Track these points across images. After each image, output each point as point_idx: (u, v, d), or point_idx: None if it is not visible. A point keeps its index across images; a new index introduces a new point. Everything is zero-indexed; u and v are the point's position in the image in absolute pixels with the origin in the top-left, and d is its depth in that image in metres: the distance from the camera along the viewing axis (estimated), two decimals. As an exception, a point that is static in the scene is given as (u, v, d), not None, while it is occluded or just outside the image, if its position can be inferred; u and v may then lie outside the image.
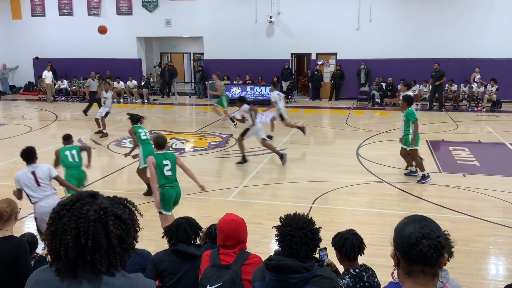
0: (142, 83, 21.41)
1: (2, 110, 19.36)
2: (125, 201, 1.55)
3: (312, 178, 9.04)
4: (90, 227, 1.40)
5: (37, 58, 23.63)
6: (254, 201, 7.89)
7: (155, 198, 5.92)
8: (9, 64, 23.71)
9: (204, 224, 3.99)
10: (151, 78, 22.95)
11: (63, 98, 21.60)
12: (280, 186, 8.64)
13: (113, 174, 9.55)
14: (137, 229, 1.54)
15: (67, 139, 7.29)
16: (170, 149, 11.62)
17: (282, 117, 12.46)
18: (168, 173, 5.90)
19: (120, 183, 9.08)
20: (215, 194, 8.22)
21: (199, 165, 10.11)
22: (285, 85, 20.73)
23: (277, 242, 2.49)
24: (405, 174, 9.19)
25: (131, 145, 9.22)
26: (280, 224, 2.52)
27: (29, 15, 23.58)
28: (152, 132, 13.72)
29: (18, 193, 5.65)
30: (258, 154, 10.97)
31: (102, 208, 1.45)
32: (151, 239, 5.56)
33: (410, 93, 10.46)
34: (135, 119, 8.47)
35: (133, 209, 1.57)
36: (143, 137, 8.14)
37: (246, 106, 10.28)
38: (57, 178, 5.87)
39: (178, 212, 7.16)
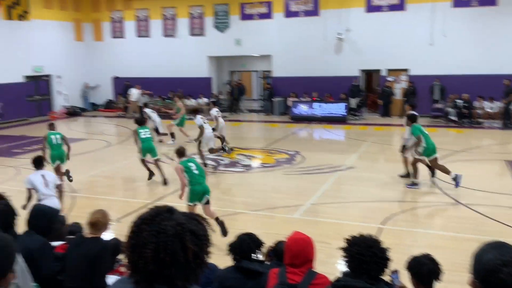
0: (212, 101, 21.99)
1: (83, 126, 20.71)
2: (199, 217, 1.60)
3: (381, 197, 8.76)
4: (168, 242, 1.44)
5: (116, 77, 25.12)
6: (321, 219, 7.77)
7: (182, 193, 7.14)
8: (91, 83, 25.39)
9: (269, 241, 3.98)
10: (221, 96, 23.53)
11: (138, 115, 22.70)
12: (348, 205, 8.45)
13: (183, 188, 9.81)
14: (210, 244, 1.58)
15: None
16: (237, 165, 11.79)
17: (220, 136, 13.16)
18: (196, 172, 6.97)
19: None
20: (281, 211, 8.19)
21: (266, 181, 10.17)
22: (353, 102, 20.41)
23: (345, 262, 2.42)
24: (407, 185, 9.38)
25: (201, 161, 9.95)
26: (346, 244, 2.46)
27: (109, 37, 25.21)
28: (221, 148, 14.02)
29: (29, 192, 6.72)
30: (326, 172, 10.83)
31: (179, 223, 1.48)
32: (216, 253, 5.63)
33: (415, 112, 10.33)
34: (139, 121, 10.78)
35: (206, 225, 1.60)
36: (143, 136, 10.25)
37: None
38: (59, 186, 7.14)
39: (244, 227, 7.21)
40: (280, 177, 10.56)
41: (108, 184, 10.54)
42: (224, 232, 6.80)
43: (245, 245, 3.43)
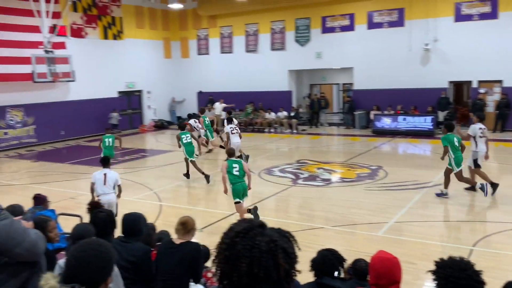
0: (292, 114, 22.08)
1: (170, 138, 21.70)
2: (289, 234, 1.61)
3: (473, 217, 8.18)
4: (262, 258, 1.45)
5: (200, 92, 26.15)
6: (406, 238, 7.41)
7: (225, 188, 8.13)
8: (177, 97, 26.67)
9: (350, 258, 3.86)
10: (300, 109, 23.54)
11: (221, 128, 23.35)
12: (436, 224, 7.99)
13: (262, 201, 9.89)
14: (297, 262, 1.58)
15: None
16: (317, 179, 11.66)
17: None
18: (236, 173, 8.02)
19: (269, 211, 9.35)
20: (363, 228, 7.94)
21: (346, 196, 9.94)
22: (441, 115, 19.40)
23: (436, 286, 2.27)
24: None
25: (280, 174, 9.84)
26: (436, 267, 2.31)
27: (195, 54, 26.36)
28: (300, 161, 13.98)
29: (92, 185, 7.94)
30: (411, 188, 10.35)
31: (272, 240, 1.50)
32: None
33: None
34: (182, 127, 12.78)
35: (294, 242, 1.62)
36: (185, 141, 11.90)
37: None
38: (119, 186, 8.10)
39: (324, 243, 7.09)
40: (361, 192, 10.26)
41: (191, 194, 10.91)
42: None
43: (327, 261, 3.37)
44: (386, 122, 19.69)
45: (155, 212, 9.15)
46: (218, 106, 22.62)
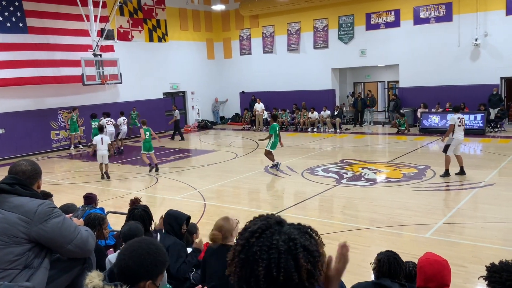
0: (335, 113, 21.82)
1: (213, 138, 21.99)
2: (310, 230, 1.47)
3: (528, 219, 7.78)
4: (281, 259, 1.34)
5: (243, 92, 26.32)
6: (455, 240, 7.13)
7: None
8: (220, 98, 26.97)
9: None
10: (344, 108, 23.23)
11: (263, 128, 23.41)
12: (487, 226, 7.65)
13: (306, 201, 9.83)
14: (323, 260, 1.44)
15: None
16: (362, 179, 11.46)
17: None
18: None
19: (312, 210, 9.28)
20: (410, 229, 7.72)
21: (392, 197, 9.70)
22: (493, 112, 18.60)
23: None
24: None
25: (324, 173, 9.71)
26: (489, 272, 2.22)
27: (237, 54, 26.56)
28: (344, 161, 13.80)
29: (94, 146, 12.90)
30: (460, 188, 9.99)
31: (291, 239, 1.38)
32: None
33: None
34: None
35: (317, 238, 1.47)
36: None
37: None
38: (109, 145, 12.97)
39: (369, 244, 6.95)
40: (408, 192, 9.98)
41: (234, 194, 11.00)
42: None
43: (392, 262, 3.29)
44: (434, 120, 19.09)
45: (199, 211, 9.28)
46: (258, 106, 22.81)
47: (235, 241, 1.50)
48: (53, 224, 2.71)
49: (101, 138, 12.71)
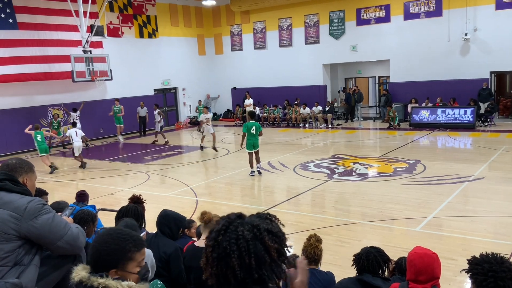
0: (327, 108, 21.87)
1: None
2: (269, 215, 1.60)
3: (517, 212, 7.87)
4: (249, 246, 1.44)
5: (234, 88, 26.28)
6: (445, 234, 7.20)
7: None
8: (212, 94, 26.90)
9: (388, 254, 3.80)
10: (335, 103, 23.29)
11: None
12: (477, 219, 7.73)
13: (298, 196, 9.86)
14: (286, 240, 1.56)
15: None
16: (353, 173, 11.51)
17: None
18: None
19: (304, 205, 9.32)
20: (401, 223, 7.78)
21: (383, 191, 9.77)
22: (483, 106, 18.75)
23: (475, 280, 2.21)
24: None
25: (316, 169, 9.73)
26: (471, 264, 2.26)
27: (229, 50, 26.49)
28: (336, 156, 13.85)
29: (69, 137, 14.02)
30: (450, 182, 10.07)
31: (254, 225, 1.49)
32: (333, 263, 5.53)
33: None
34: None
35: (276, 221, 1.60)
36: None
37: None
38: (83, 137, 14.23)
39: (360, 238, 7.00)
40: (398, 187, 10.06)
41: (227, 190, 11.00)
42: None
43: (371, 259, 3.31)
44: (424, 115, 19.21)
45: (192, 207, 9.27)
46: (247, 101, 22.87)
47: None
48: (43, 221, 2.69)
49: (75, 131, 14.08)
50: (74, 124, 15.16)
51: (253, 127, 11.65)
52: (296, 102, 22.76)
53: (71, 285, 2.06)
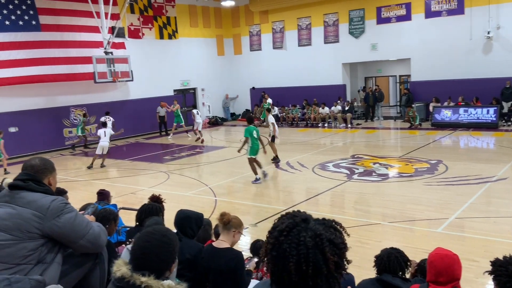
0: (346, 108, 21.72)
1: (224, 134, 22.04)
2: (334, 223, 1.57)
3: (542, 214, 7.69)
4: (309, 254, 1.44)
5: (253, 88, 26.31)
6: (467, 235, 7.09)
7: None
8: (231, 94, 26.99)
9: (409, 255, 3.76)
10: (355, 103, 23.11)
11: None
12: (499, 220, 7.58)
13: (317, 196, 9.82)
14: (347, 250, 1.55)
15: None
16: (373, 174, 11.40)
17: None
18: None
19: (323, 206, 9.28)
20: (422, 224, 7.68)
21: (404, 192, 9.65)
22: (506, 106, 18.36)
23: (498, 285, 2.17)
24: None
25: (335, 169, 9.65)
26: (494, 266, 2.22)
27: (247, 50, 26.54)
28: (355, 156, 13.74)
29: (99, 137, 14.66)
30: (473, 183, 9.90)
31: (317, 234, 1.47)
32: (353, 264, 5.49)
33: None
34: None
35: (342, 230, 1.58)
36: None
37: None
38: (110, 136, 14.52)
39: (381, 239, 6.93)
40: (420, 187, 9.93)
41: (245, 190, 11.02)
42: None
43: (392, 259, 3.30)
44: (446, 114, 18.92)
45: (211, 207, 9.32)
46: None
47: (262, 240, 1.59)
48: (66, 219, 2.75)
49: (104, 131, 14.51)
50: (104, 124, 15.74)
51: (254, 131, 11.16)
52: (314, 102, 22.66)
53: (110, 278, 2.12)
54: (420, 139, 16.74)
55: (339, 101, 21.84)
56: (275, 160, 13.29)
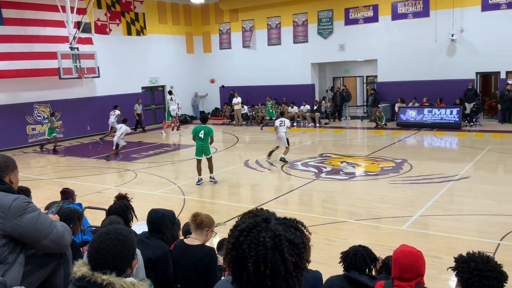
0: (315, 107, 21.94)
1: (193, 133, 21.86)
2: (295, 222, 1.57)
3: (500, 211, 7.99)
4: (268, 254, 1.43)
5: (223, 86, 26.23)
6: (431, 232, 7.29)
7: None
8: (200, 92, 26.82)
9: (374, 252, 3.83)
10: (323, 103, 23.37)
11: (244, 122, 23.41)
12: (462, 218, 7.83)
13: (285, 194, 9.89)
14: (309, 250, 1.54)
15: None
16: (340, 172, 11.57)
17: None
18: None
19: (292, 204, 9.35)
20: (387, 222, 7.85)
21: (370, 190, 9.84)
22: (468, 107, 18.98)
23: (461, 279, 2.24)
24: None
25: (303, 168, 9.73)
26: (457, 263, 2.30)
27: (217, 49, 26.43)
28: (323, 155, 13.90)
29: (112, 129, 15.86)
30: (436, 181, 10.18)
31: (277, 235, 1.47)
32: (320, 262, 5.55)
33: None
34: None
35: (303, 228, 1.57)
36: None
37: None
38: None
39: (347, 237, 7.05)
40: (385, 186, 10.14)
41: (214, 188, 10.98)
42: None
43: (358, 257, 3.35)
44: (411, 114, 19.38)
45: (179, 206, 9.25)
46: (235, 100, 22.89)
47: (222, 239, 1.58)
48: (28, 219, 2.67)
49: (121, 126, 15.15)
50: (124, 121, 15.96)
51: (202, 131, 10.70)
52: (283, 101, 22.80)
53: (71, 279, 2.07)
54: (386, 138, 17.09)
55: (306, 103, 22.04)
56: (282, 160, 12.98)
